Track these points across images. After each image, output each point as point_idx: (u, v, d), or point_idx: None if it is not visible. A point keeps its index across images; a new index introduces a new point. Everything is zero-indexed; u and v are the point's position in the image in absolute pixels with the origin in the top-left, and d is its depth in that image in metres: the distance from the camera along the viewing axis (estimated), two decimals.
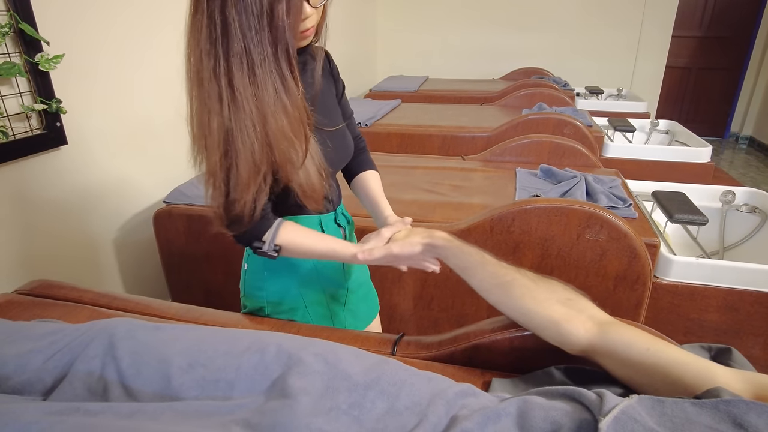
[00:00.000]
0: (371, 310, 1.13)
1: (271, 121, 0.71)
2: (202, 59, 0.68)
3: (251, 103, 0.69)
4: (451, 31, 4.51)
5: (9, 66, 1.18)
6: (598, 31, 4.25)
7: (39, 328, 0.75)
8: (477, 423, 0.52)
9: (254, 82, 0.69)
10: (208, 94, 0.69)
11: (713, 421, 0.47)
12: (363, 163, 1.05)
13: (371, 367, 0.62)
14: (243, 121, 0.69)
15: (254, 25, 0.66)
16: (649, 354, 0.60)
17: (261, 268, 0.94)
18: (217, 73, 0.68)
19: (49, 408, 0.59)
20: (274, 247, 0.82)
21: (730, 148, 4.88)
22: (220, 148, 0.71)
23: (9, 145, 1.21)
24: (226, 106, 0.69)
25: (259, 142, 0.71)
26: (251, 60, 0.67)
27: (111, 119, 1.54)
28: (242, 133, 0.70)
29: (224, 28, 0.66)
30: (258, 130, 0.70)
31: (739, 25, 4.71)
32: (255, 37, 0.66)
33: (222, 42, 0.66)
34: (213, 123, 0.70)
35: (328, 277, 0.98)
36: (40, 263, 1.36)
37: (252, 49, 0.67)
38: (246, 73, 0.68)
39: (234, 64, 0.67)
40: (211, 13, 0.65)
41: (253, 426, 0.54)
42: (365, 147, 1.08)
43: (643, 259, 1.28)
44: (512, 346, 0.78)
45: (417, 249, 0.82)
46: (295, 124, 0.74)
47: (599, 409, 0.50)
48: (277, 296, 0.94)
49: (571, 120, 2.28)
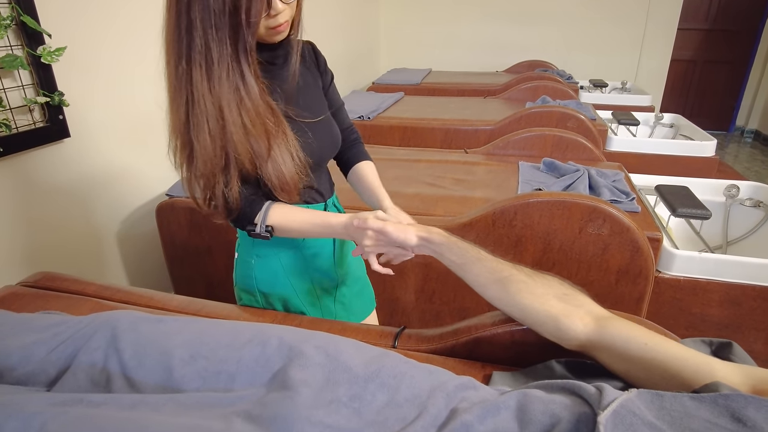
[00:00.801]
0: (366, 306, 1.13)
1: (228, 116, 0.73)
2: (171, 57, 0.73)
3: (207, 100, 0.72)
4: (454, 23, 4.48)
5: (11, 59, 1.18)
6: (602, 23, 4.21)
7: (43, 320, 0.75)
8: (477, 416, 0.53)
9: (211, 78, 0.72)
10: (175, 89, 0.74)
11: (712, 415, 0.47)
12: (357, 155, 1.04)
13: (372, 360, 0.62)
14: (198, 116, 0.73)
15: (215, 23, 0.69)
16: (648, 348, 0.60)
17: (249, 257, 0.96)
18: (179, 71, 0.72)
19: (52, 399, 0.60)
20: (265, 228, 0.84)
21: (735, 142, 4.85)
22: (180, 139, 0.77)
23: (12, 137, 1.21)
24: (185, 101, 0.73)
25: (212, 137, 0.74)
26: (210, 57, 0.71)
27: (113, 112, 1.54)
28: (198, 128, 0.74)
29: (188, 27, 0.70)
30: (212, 126, 0.73)
31: (746, 18, 4.65)
32: (215, 34, 0.70)
33: (186, 40, 0.70)
34: (177, 115, 0.75)
35: (318, 268, 0.98)
36: (44, 256, 1.37)
37: (211, 46, 0.70)
38: (204, 69, 0.71)
39: (194, 60, 0.71)
40: (179, 12, 0.70)
41: (254, 418, 0.54)
42: (358, 138, 1.07)
43: (645, 254, 1.27)
44: (513, 339, 0.78)
45: (412, 239, 0.81)
46: (255, 119, 0.76)
47: (598, 403, 0.50)
48: (267, 285, 0.96)
49: (575, 113, 2.27)
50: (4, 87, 1.19)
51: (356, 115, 2.52)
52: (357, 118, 2.50)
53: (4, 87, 1.19)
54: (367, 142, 2.45)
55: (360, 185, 1.02)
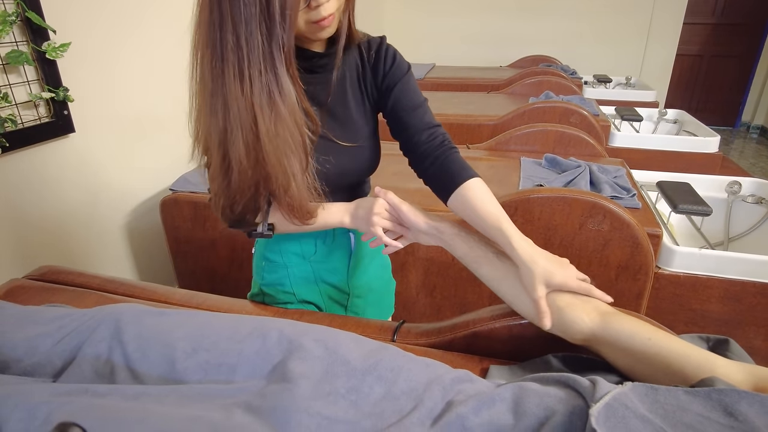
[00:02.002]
0: (382, 315, 1.09)
1: (261, 124, 0.65)
2: (204, 56, 0.65)
3: (240, 104, 0.64)
4: (459, 18, 4.46)
5: (17, 54, 1.19)
6: (607, 18, 4.19)
7: (48, 313, 0.77)
8: (472, 408, 0.54)
9: (243, 80, 0.64)
10: (210, 92, 0.66)
11: (705, 409, 0.48)
12: (458, 173, 0.78)
13: (370, 353, 0.63)
14: (233, 124, 0.66)
15: (245, 17, 0.61)
16: (651, 344, 0.61)
17: (261, 257, 0.95)
18: (214, 72, 0.64)
19: (57, 389, 0.61)
20: (267, 227, 0.79)
21: (741, 138, 4.82)
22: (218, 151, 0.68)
23: (18, 133, 1.23)
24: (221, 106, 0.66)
25: (248, 148, 0.66)
26: (241, 56, 0.63)
27: (118, 107, 1.55)
28: (233, 138, 0.66)
29: (221, 22, 0.62)
30: (246, 134, 0.66)
31: (753, 13, 4.62)
32: (246, 29, 0.62)
33: (219, 38, 0.63)
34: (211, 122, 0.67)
35: (327, 281, 0.95)
36: (49, 249, 1.39)
37: (243, 44, 0.62)
38: (236, 69, 0.63)
39: (226, 60, 0.63)
40: (211, 6, 0.62)
41: (254, 409, 0.55)
42: (449, 146, 0.81)
43: (645, 249, 1.28)
44: (511, 334, 0.79)
45: (422, 224, 0.79)
46: (293, 129, 0.68)
47: (592, 396, 0.51)
48: (271, 288, 0.95)
49: (578, 109, 2.26)
50: (9, 83, 1.20)
51: None
52: None
53: (9, 83, 1.20)
54: None
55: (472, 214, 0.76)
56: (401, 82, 0.81)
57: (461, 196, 0.77)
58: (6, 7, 1.17)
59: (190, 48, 0.68)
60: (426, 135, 0.81)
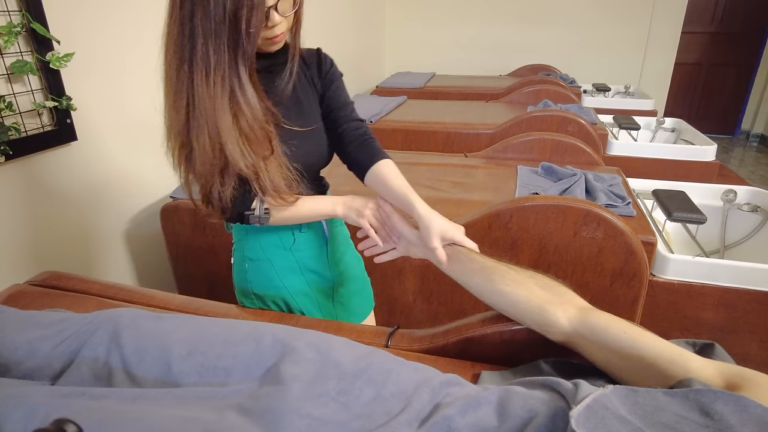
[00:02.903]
0: (366, 305, 1.15)
1: (224, 120, 0.76)
2: (172, 61, 0.76)
3: (207, 103, 0.75)
4: (459, 27, 4.50)
5: (21, 64, 1.22)
6: (606, 27, 4.23)
7: (48, 317, 0.79)
8: (458, 410, 0.55)
9: (209, 83, 0.75)
10: (175, 92, 0.77)
11: (682, 410, 0.50)
12: (373, 155, 0.93)
13: (361, 357, 0.65)
14: (199, 119, 0.76)
15: (216, 31, 0.72)
16: (627, 337, 0.62)
17: (242, 261, 0.99)
18: (180, 75, 0.75)
19: (56, 392, 0.63)
20: (264, 210, 0.86)
21: (740, 146, 4.84)
22: (178, 140, 0.80)
23: (21, 140, 1.25)
24: (187, 104, 0.76)
25: (212, 139, 0.77)
26: (209, 63, 0.74)
27: (120, 115, 1.58)
28: (198, 130, 0.77)
29: (191, 34, 0.73)
30: (211, 128, 0.76)
31: (752, 21, 4.65)
32: (215, 42, 0.73)
33: (188, 46, 0.74)
34: (176, 118, 0.78)
35: (311, 269, 1.00)
36: (51, 255, 1.41)
37: (211, 53, 0.73)
38: (204, 74, 0.74)
39: (196, 65, 0.74)
40: (182, 19, 0.73)
41: (247, 410, 0.57)
42: (370, 136, 0.96)
43: (639, 257, 1.29)
44: (502, 339, 0.81)
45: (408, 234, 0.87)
46: (253, 123, 0.79)
47: (574, 398, 0.52)
48: (261, 287, 0.98)
49: (575, 117, 2.28)
50: (14, 92, 1.23)
51: None
52: None
53: (14, 92, 1.23)
54: None
55: (383, 188, 0.89)
56: (338, 81, 0.97)
57: (375, 173, 0.91)
58: (12, 18, 1.19)
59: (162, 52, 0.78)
60: (352, 126, 0.95)
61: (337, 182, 1.20)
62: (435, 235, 0.82)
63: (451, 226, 0.84)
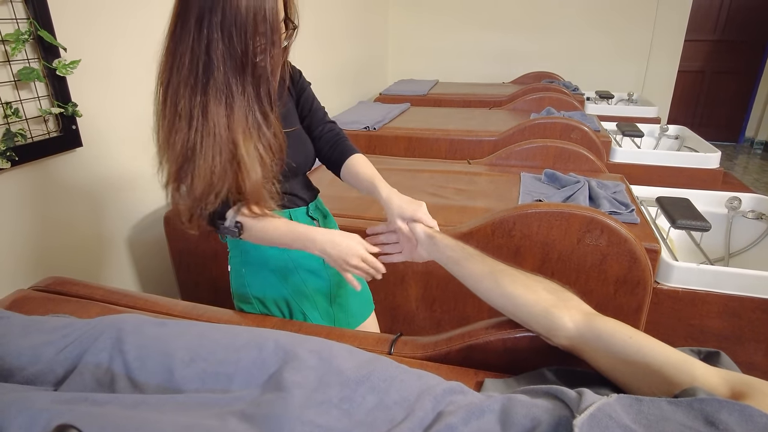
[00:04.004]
0: (365, 307, 1.16)
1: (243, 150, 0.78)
2: (180, 88, 0.76)
3: (224, 133, 0.76)
4: (462, 34, 4.52)
5: (28, 71, 1.23)
6: (609, 35, 4.24)
7: (52, 322, 0.79)
8: (461, 418, 0.55)
9: (230, 115, 0.76)
10: (179, 116, 0.76)
11: (687, 419, 0.49)
12: (345, 151, 1.01)
13: (363, 364, 0.65)
14: (212, 147, 0.77)
15: (238, 68, 0.74)
16: (632, 342, 0.62)
17: (240, 266, 0.99)
18: (192, 102, 0.75)
19: (59, 397, 0.63)
20: (235, 223, 0.86)
21: (744, 153, 4.82)
22: (177, 163, 0.79)
23: (27, 147, 1.26)
24: (194, 130, 0.76)
25: (223, 166, 0.78)
26: (231, 97, 0.75)
27: (124, 121, 1.59)
28: (206, 156, 0.77)
29: (207, 67, 0.74)
30: (224, 156, 0.77)
31: (755, 29, 4.65)
32: (237, 78, 0.75)
33: (203, 78, 0.74)
34: (177, 140, 0.77)
35: (307, 268, 1.00)
36: (55, 260, 1.41)
37: (234, 89, 0.75)
38: (224, 106, 0.76)
39: (212, 97, 0.75)
40: (195, 51, 0.73)
41: (249, 417, 0.57)
42: (343, 135, 1.05)
43: (643, 264, 1.28)
44: (505, 347, 0.80)
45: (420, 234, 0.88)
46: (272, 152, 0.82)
47: (577, 407, 0.52)
48: (261, 290, 0.99)
49: (578, 125, 2.29)
50: (20, 98, 1.24)
51: (362, 125, 2.56)
52: (363, 129, 2.54)
53: (20, 98, 1.24)
54: (372, 152, 2.50)
55: (354, 179, 0.98)
56: (308, 88, 1.03)
57: (348, 166, 0.99)
58: (20, 26, 1.21)
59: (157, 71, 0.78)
60: (326, 128, 1.03)
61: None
62: (396, 216, 0.88)
63: (408, 203, 0.89)
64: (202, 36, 0.72)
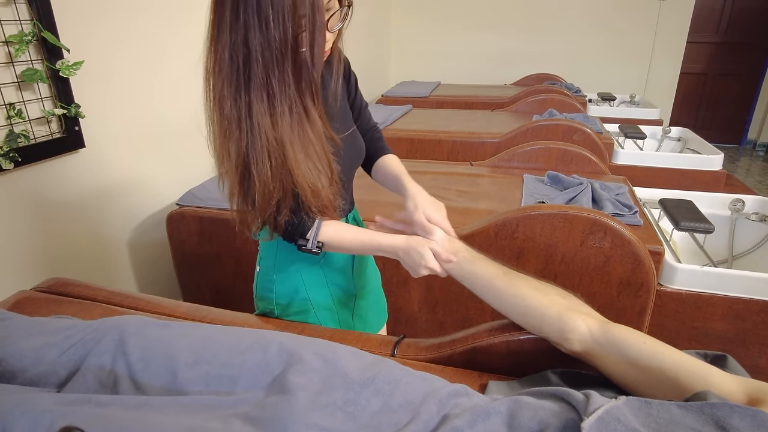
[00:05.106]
0: (380, 317, 1.15)
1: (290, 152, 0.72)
2: (224, 88, 0.70)
3: (270, 134, 0.70)
4: (465, 36, 4.52)
5: (31, 72, 1.23)
6: (611, 37, 4.24)
7: (54, 324, 0.78)
8: (467, 421, 0.54)
9: (273, 113, 0.70)
10: (228, 120, 0.71)
11: (697, 423, 0.49)
12: (379, 150, 1.03)
13: (368, 366, 0.64)
14: (260, 150, 0.71)
15: (277, 58, 0.67)
16: (646, 348, 0.61)
17: (271, 271, 0.96)
18: (237, 102, 0.70)
19: (62, 399, 0.62)
20: (317, 244, 0.83)
21: (747, 155, 4.82)
22: (238, 172, 0.74)
23: (30, 148, 1.26)
24: (245, 134, 0.71)
25: (273, 172, 0.72)
26: (272, 92, 0.69)
27: (127, 123, 1.59)
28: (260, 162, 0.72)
29: (246, 60, 0.67)
30: (274, 161, 0.72)
31: (757, 31, 4.65)
32: (276, 69, 0.68)
33: (244, 73, 0.68)
34: (232, 148, 0.72)
35: (336, 283, 0.99)
36: (57, 262, 1.41)
37: (273, 82, 0.68)
38: (266, 103, 0.70)
39: (255, 95, 0.69)
40: (234, 44, 0.67)
41: (253, 420, 0.56)
42: (381, 135, 1.07)
43: (646, 266, 1.28)
44: (509, 349, 0.80)
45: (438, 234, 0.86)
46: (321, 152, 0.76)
47: (585, 409, 0.51)
48: (286, 298, 0.97)
49: (581, 126, 2.28)
50: (24, 99, 1.24)
51: None
52: None
53: (24, 99, 1.24)
54: None
55: (384, 177, 0.99)
56: (357, 87, 1.02)
57: (378, 165, 1.02)
58: (23, 27, 1.21)
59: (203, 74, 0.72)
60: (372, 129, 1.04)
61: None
62: (418, 211, 0.87)
63: (430, 203, 0.89)
64: (239, 25, 0.66)
